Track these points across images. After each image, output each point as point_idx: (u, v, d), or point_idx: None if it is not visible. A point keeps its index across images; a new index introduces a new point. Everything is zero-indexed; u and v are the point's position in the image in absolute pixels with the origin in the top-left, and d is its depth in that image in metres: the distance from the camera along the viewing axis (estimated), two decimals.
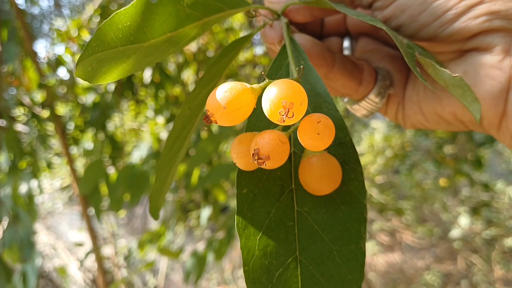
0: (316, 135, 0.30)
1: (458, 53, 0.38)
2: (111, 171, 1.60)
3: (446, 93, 0.40)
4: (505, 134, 0.37)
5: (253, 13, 0.42)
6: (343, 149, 0.34)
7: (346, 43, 0.50)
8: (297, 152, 0.35)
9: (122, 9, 0.31)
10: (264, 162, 0.29)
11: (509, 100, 0.35)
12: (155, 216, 0.45)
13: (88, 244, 1.94)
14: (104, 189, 1.54)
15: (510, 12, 0.34)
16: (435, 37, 0.37)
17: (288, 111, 0.28)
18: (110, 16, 0.31)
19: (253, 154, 0.29)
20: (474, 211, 2.87)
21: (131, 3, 0.32)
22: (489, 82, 0.35)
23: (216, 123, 0.31)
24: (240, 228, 0.32)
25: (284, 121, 0.29)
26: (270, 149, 0.29)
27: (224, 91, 0.30)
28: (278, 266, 0.31)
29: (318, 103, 0.35)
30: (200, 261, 1.69)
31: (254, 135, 0.31)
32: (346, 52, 0.50)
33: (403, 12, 0.38)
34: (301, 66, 0.35)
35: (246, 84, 0.31)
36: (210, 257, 1.69)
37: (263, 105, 0.30)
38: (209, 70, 0.42)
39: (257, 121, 0.35)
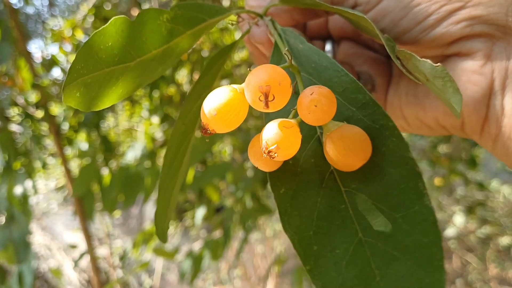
0: (314, 107, 0.28)
1: (439, 59, 0.38)
2: (105, 172, 1.60)
3: (428, 98, 0.39)
4: (487, 140, 0.36)
5: (236, 19, 0.42)
6: (366, 110, 0.31)
7: (328, 47, 0.50)
8: (322, 132, 0.33)
9: (101, 28, 0.30)
10: (275, 153, 0.28)
11: (491, 106, 0.34)
12: (163, 239, 0.43)
13: (83, 245, 1.94)
14: (98, 190, 1.54)
15: (492, 17, 0.34)
16: (416, 42, 0.36)
17: (267, 95, 0.27)
18: (90, 36, 0.30)
19: (264, 152, 0.28)
20: (469, 210, 2.88)
21: (109, 21, 0.31)
22: (471, 88, 0.35)
23: (215, 132, 0.30)
24: (288, 230, 0.30)
25: (268, 106, 0.27)
26: (276, 138, 0.28)
27: (212, 99, 0.29)
28: (344, 254, 0.29)
29: (328, 76, 0.34)
30: (196, 261, 1.69)
31: None
32: (328, 56, 0.50)
33: (384, 17, 0.37)
34: (286, 49, 0.33)
35: (234, 85, 0.30)
36: (206, 257, 1.69)
37: (246, 98, 0.29)
38: (198, 83, 0.41)
39: (276, 116, 0.33)
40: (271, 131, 0.28)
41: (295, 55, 0.36)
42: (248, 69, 0.31)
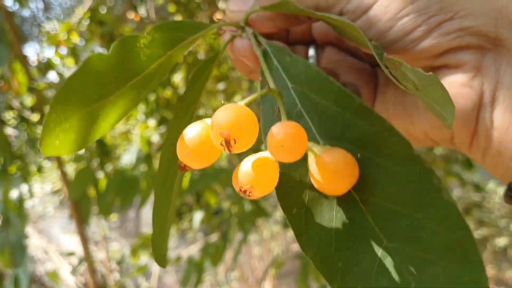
0: (281, 147, 0.27)
1: (427, 70, 0.37)
2: (101, 175, 1.60)
3: (417, 109, 0.39)
4: (476, 153, 0.36)
5: (218, 31, 0.40)
6: (360, 115, 0.30)
7: (312, 52, 0.48)
8: None
9: (76, 69, 0.29)
10: (250, 192, 0.27)
11: (480, 119, 0.34)
12: (162, 264, 0.41)
13: (80, 248, 1.93)
14: (94, 193, 1.54)
15: (481, 29, 0.33)
16: (404, 53, 0.35)
17: (227, 141, 0.26)
18: (64, 82, 0.28)
19: (239, 191, 0.28)
20: (466, 211, 2.89)
21: (82, 62, 0.29)
22: (460, 101, 0.34)
23: (191, 169, 0.29)
24: (308, 251, 0.29)
25: (232, 150, 0.26)
26: (249, 178, 0.27)
27: (185, 137, 0.28)
28: (371, 266, 0.27)
29: (318, 85, 0.32)
30: (197, 269, 1.68)
31: None
32: (311, 61, 0.48)
33: (371, 26, 0.35)
34: (261, 78, 0.32)
35: (208, 121, 0.29)
36: (206, 263, 1.69)
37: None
38: (184, 100, 0.40)
39: None
40: (244, 170, 0.28)
41: (284, 68, 0.34)
42: (222, 101, 0.29)
